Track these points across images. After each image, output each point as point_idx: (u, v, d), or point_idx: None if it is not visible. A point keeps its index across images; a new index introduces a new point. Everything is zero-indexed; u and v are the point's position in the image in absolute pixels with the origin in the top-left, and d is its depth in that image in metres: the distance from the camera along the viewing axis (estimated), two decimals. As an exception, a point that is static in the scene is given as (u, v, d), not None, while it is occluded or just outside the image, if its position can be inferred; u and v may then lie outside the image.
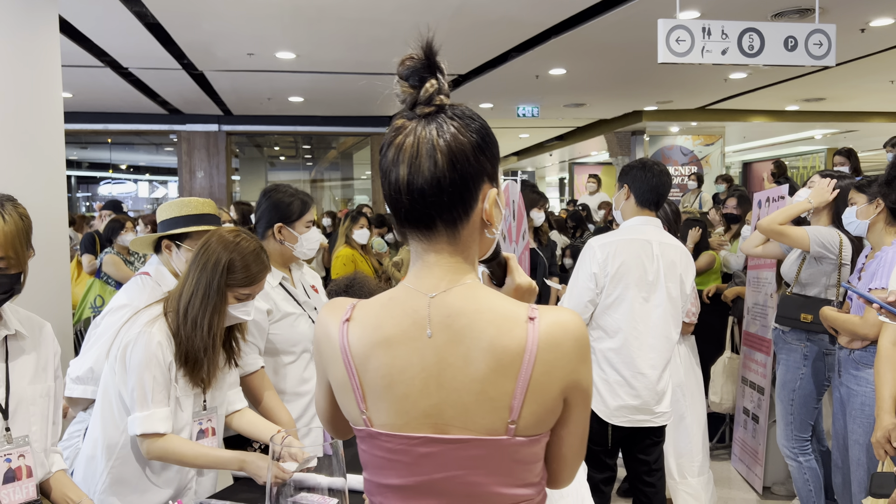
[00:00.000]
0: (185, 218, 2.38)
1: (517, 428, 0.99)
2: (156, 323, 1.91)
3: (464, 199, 1.02)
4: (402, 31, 6.27)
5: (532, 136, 15.32)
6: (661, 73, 7.97)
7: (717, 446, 4.77)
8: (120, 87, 8.79)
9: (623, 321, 2.78)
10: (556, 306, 1.06)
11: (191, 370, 1.93)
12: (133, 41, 6.64)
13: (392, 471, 1.04)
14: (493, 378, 0.98)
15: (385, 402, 1.03)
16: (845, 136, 13.76)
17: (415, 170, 1.00)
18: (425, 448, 1.01)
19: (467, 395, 0.99)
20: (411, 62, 1.03)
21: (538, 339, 0.98)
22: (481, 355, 0.99)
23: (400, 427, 1.03)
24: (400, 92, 1.05)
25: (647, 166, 2.86)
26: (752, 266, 4.32)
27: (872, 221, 2.85)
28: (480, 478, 1.01)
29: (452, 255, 1.04)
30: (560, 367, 0.99)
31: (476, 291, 1.03)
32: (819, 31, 4.87)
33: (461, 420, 1.00)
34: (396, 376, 1.02)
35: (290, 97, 9.67)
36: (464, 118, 1.04)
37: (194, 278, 1.92)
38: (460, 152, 1.01)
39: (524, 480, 1.04)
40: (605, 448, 2.91)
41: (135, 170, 17.35)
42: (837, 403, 2.98)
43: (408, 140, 1.01)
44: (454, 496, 1.02)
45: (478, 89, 9.01)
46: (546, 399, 1.00)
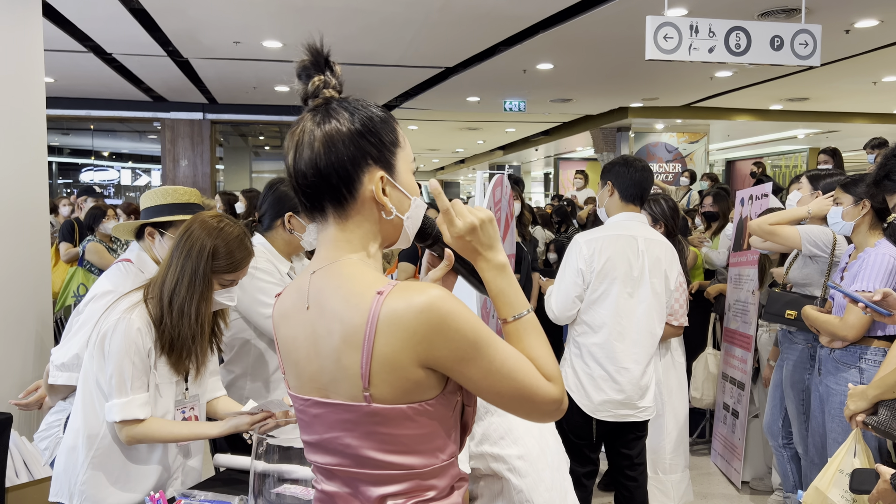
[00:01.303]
0: (171, 206, 2.37)
1: (372, 396, 1.04)
2: (135, 310, 1.89)
3: (343, 181, 1.11)
4: (390, 21, 6.24)
5: (518, 131, 15.33)
6: (648, 70, 8.00)
7: (697, 441, 4.82)
8: (103, 73, 8.68)
9: (608, 317, 2.80)
10: (416, 282, 1.07)
11: (177, 358, 1.92)
12: (117, 27, 6.55)
13: (303, 428, 1.18)
14: (344, 349, 1.05)
15: (288, 367, 1.18)
16: (827, 136, 13.91)
17: (298, 156, 1.12)
18: (314, 410, 1.13)
19: (331, 364, 1.08)
20: (302, 62, 1.16)
21: (378, 314, 1.02)
22: (336, 328, 1.07)
23: (298, 389, 1.16)
24: (299, 90, 1.17)
25: (629, 162, 2.89)
26: (734, 263, 4.36)
27: (857, 223, 2.87)
28: (352, 440, 1.09)
29: (339, 235, 1.13)
30: (404, 341, 1.01)
31: (341, 269, 1.11)
32: (805, 31, 4.91)
33: (332, 386, 1.09)
34: (290, 345, 1.16)
35: (275, 86, 9.60)
36: (349, 109, 1.13)
37: (178, 265, 1.90)
38: (338, 137, 1.10)
39: (404, 449, 1.07)
40: (588, 442, 2.92)
41: (117, 157, 17.17)
42: (816, 402, 3.01)
43: (296, 130, 1.14)
44: (338, 455, 1.11)
45: (465, 82, 9.00)
46: (398, 372, 1.03)
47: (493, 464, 1.47)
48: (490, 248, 1.15)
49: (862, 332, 2.68)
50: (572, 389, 2.88)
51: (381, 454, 1.07)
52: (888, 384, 2.20)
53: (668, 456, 3.53)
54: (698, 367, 4.46)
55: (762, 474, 4.13)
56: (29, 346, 3.36)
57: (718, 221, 5.35)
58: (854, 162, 14.51)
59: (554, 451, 1.58)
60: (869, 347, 2.70)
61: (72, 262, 5.40)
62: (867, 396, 2.26)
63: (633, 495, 2.99)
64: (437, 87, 9.35)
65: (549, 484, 1.52)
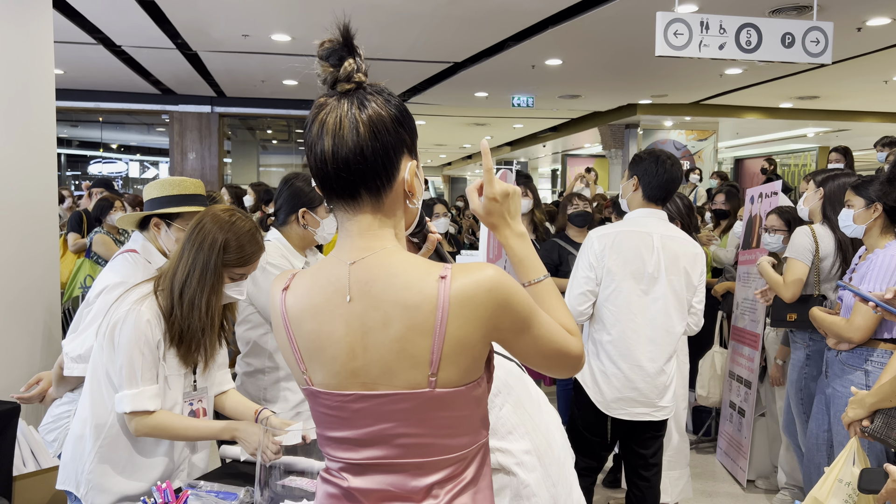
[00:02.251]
0: (177, 197, 2.37)
1: (437, 380, 1.06)
2: (145, 301, 1.89)
3: (386, 167, 1.09)
4: (399, 15, 6.23)
5: (526, 127, 15.29)
6: (657, 66, 7.96)
7: (702, 440, 4.81)
8: (112, 66, 8.70)
9: (620, 314, 2.76)
10: (473, 263, 1.10)
11: (186, 350, 1.92)
12: (127, 19, 6.56)
13: (334, 425, 1.13)
14: (410, 336, 1.05)
15: (318, 364, 1.12)
16: (837, 134, 13.82)
17: (339, 141, 1.07)
18: (357, 404, 1.09)
19: (389, 355, 1.06)
20: (330, 44, 1.11)
21: (449, 296, 1.04)
22: (397, 316, 1.06)
23: (334, 386, 1.11)
24: (321, 72, 1.13)
25: (660, 160, 2.78)
26: (743, 261, 4.34)
27: (869, 226, 2.85)
28: (410, 429, 1.08)
29: (374, 224, 1.12)
30: (474, 320, 1.06)
31: (392, 257, 1.10)
32: (816, 28, 4.87)
33: (385, 378, 1.07)
34: (325, 340, 1.10)
35: (284, 80, 9.61)
36: (382, 94, 1.12)
37: (189, 258, 1.91)
38: (381, 123, 1.08)
39: (458, 431, 1.11)
40: (601, 440, 2.90)
41: (126, 149, 17.21)
42: (822, 403, 3.00)
43: (331, 115, 1.09)
44: (389, 446, 1.10)
45: (473, 77, 8.98)
46: (466, 351, 1.07)
47: (501, 458, 1.46)
48: (514, 218, 1.24)
49: (868, 335, 2.66)
50: (588, 386, 2.85)
51: (437, 439, 1.09)
52: (886, 392, 2.19)
53: (668, 453, 3.52)
54: (705, 365, 4.45)
55: (767, 473, 4.12)
56: (37, 337, 3.37)
57: (728, 219, 5.32)
58: (864, 161, 14.43)
59: (560, 446, 1.58)
60: (875, 349, 2.69)
61: (79, 252, 5.41)
62: (865, 404, 2.25)
63: (645, 496, 2.97)
64: (445, 82, 9.33)
65: (556, 479, 1.51)
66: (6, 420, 2.52)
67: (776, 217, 3.76)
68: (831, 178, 3.31)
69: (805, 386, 3.39)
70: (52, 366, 2.46)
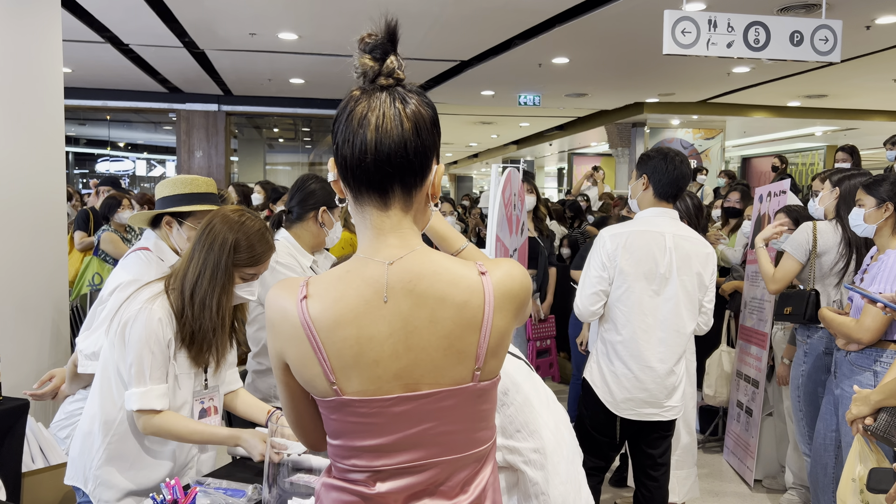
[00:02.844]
0: (190, 196, 2.38)
1: (482, 373, 1.09)
2: (157, 300, 1.90)
3: (423, 165, 1.09)
4: (405, 14, 6.22)
5: (532, 125, 15.27)
6: (664, 65, 7.94)
7: (709, 439, 4.80)
8: (120, 64, 8.72)
9: (632, 314, 2.75)
10: (495, 259, 1.14)
11: (197, 351, 1.93)
12: (135, 17, 6.58)
13: (366, 433, 1.09)
14: (459, 332, 1.07)
15: (355, 371, 1.07)
16: (846, 133, 13.76)
17: (383, 132, 1.05)
18: (399, 407, 1.07)
19: (436, 352, 1.06)
20: (373, 38, 1.09)
21: (493, 290, 1.08)
22: (446, 313, 1.06)
23: (373, 392, 1.07)
24: (359, 65, 1.09)
25: (669, 157, 2.77)
26: (752, 261, 4.33)
27: (880, 226, 2.84)
28: (450, 426, 1.09)
29: (403, 223, 1.11)
30: (511, 311, 1.11)
31: (430, 255, 1.10)
32: (825, 26, 4.85)
33: (431, 376, 1.07)
34: (365, 345, 1.06)
35: (290, 79, 9.61)
36: (420, 94, 1.11)
37: (200, 258, 1.91)
38: (422, 121, 1.08)
39: (487, 424, 1.15)
40: (610, 440, 2.89)
41: (133, 148, 17.24)
42: (830, 404, 2.99)
43: (372, 108, 1.07)
44: (427, 447, 1.09)
45: (480, 76, 8.97)
46: (504, 342, 1.12)
47: (509, 456, 1.46)
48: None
49: (878, 335, 2.65)
50: (597, 386, 2.84)
51: (471, 433, 1.12)
52: (891, 390, 2.18)
53: (676, 453, 3.52)
54: (712, 365, 4.44)
55: (775, 473, 4.11)
56: (45, 335, 3.39)
57: (738, 218, 5.31)
58: (872, 160, 14.37)
59: (568, 445, 1.57)
60: (885, 350, 2.67)
61: (86, 251, 5.43)
62: (870, 401, 2.24)
63: (654, 495, 2.96)
64: (452, 81, 9.32)
65: (565, 477, 1.51)
66: (15, 417, 2.53)
67: (784, 216, 3.75)
68: (847, 177, 3.30)
69: (802, 383, 3.40)
70: (61, 363, 2.47)
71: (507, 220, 3.51)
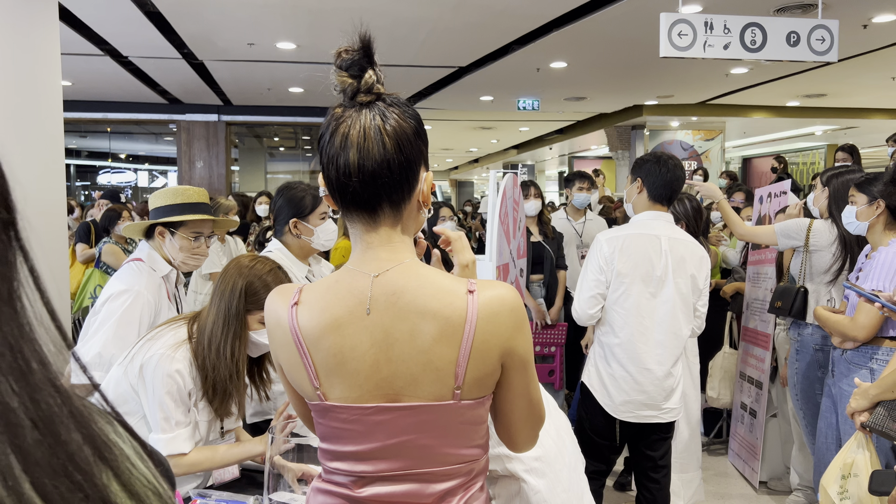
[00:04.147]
0: (181, 206, 2.39)
1: (462, 392, 1.08)
2: (180, 349, 1.89)
3: (409, 180, 1.09)
4: (403, 21, 6.24)
5: (532, 130, 15.28)
6: (663, 67, 7.94)
7: (713, 441, 4.78)
8: (120, 76, 8.75)
9: (629, 317, 2.76)
10: (493, 281, 1.14)
11: (219, 402, 1.91)
12: (133, 30, 6.60)
13: (347, 439, 1.11)
14: (438, 349, 1.06)
15: (338, 378, 1.09)
16: (846, 132, 13.74)
17: (365, 154, 1.06)
18: (378, 416, 1.08)
19: (415, 367, 1.06)
20: (349, 54, 1.08)
21: (477, 310, 1.06)
22: (426, 328, 1.06)
23: (354, 399, 1.09)
24: (338, 82, 1.10)
25: (662, 160, 2.81)
26: (753, 262, 4.32)
27: (872, 223, 2.84)
28: (430, 440, 1.09)
29: (392, 235, 1.11)
30: (497, 335, 1.08)
31: (417, 269, 1.10)
32: (821, 26, 4.85)
33: (410, 389, 1.07)
34: (347, 354, 1.08)
35: (289, 88, 9.63)
36: (401, 106, 1.11)
37: (215, 307, 1.92)
38: (404, 136, 1.08)
39: (471, 441, 1.13)
40: (610, 443, 2.90)
41: (134, 159, 17.29)
42: (829, 402, 2.99)
43: (353, 127, 1.07)
44: (406, 458, 1.09)
45: (478, 82, 8.98)
46: (486, 364, 1.08)
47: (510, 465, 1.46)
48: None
49: (873, 333, 2.65)
50: (595, 389, 2.85)
51: (453, 448, 1.11)
52: (888, 384, 2.19)
53: (680, 455, 3.51)
54: (715, 367, 4.43)
55: (780, 474, 4.09)
56: (47, 347, 3.39)
57: None
58: (872, 158, 14.35)
59: (570, 452, 1.57)
60: (880, 347, 2.68)
61: (88, 263, 5.44)
62: (868, 395, 2.26)
63: (655, 497, 2.96)
64: (451, 87, 9.34)
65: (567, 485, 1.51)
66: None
67: (785, 217, 3.75)
68: (835, 175, 3.31)
69: (798, 381, 3.41)
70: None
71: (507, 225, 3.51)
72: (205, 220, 2.44)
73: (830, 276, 3.31)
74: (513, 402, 1.16)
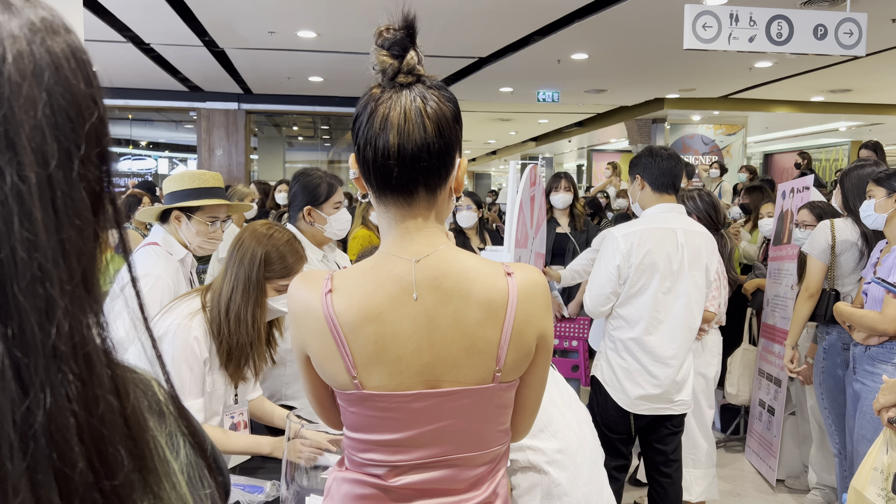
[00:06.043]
0: (197, 190, 2.40)
1: (501, 375, 1.09)
2: (195, 317, 1.91)
3: (446, 164, 1.08)
4: (423, 11, 6.21)
5: (551, 122, 15.20)
6: (685, 60, 7.85)
7: (731, 438, 4.75)
8: (141, 63, 8.80)
9: (645, 311, 2.74)
10: (522, 264, 1.13)
11: (235, 367, 1.93)
12: (155, 17, 6.63)
13: (384, 427, 1.09)
14: (482, 331, 1.06)
15: (378, 366, 1.07)
16: (870, 129, 13.54)
17: (405, 136, 1.03)
18: (419, 403, 1.07)
19: (458, 350, 1.06)
20: (391, 33, 1.05)
21: (517, 291, 1.07)
22: (470, 311, 1.06)
23: (394, 387, 1.07)
24: (378, 62, 1.07)
25: (654, 152, 2.85)
26: (774, 258, 4.27)
27: (890, 216, 2.80)
28: (468, 424, 1.09)
29: (428, 221, 1.10)
30: (534, 316, 1.09)
31: (456, 253, 1.10)
32: (850, 19, 4.77)
33: (452, 374, 1.07)
34: (389, 341, 1.06)
35: (309, 77, 9.64)
36: (440, 89, 1.09)
37: (233, 275, 1.93)
38: (444, 120, 1.06)
39: (502, 424, 1.14)
40: (623, 436, 2.89)
41: (154, 146, 17.41)
42: (851, 400, 2.95)
43: (394, 108, 1.04)
44: (443, 444, 1.09)
45: (498, 73, 8.93)
46: (524, 346, 1.10)
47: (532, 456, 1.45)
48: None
49: None
50: (608, 384, 2.84)
51: (489, 432, 1.12)
52: None
53: (693, 452, 3.49)
54: (734, 363, 4.39)
55: (798, 473, 4.05)
56: (68, 331, 3.43)
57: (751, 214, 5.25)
58: (897, 156, 14.11)
59: (591, 445, 1.56)
60: None
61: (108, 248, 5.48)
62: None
63: (668, 492, 2.95)
64: (470, 78, 9.29)
65: (588, 478, 1.50)
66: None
67: (807, 212, 3.70)
68: (848, 171, 3.26)
69: (823, 380, 3.37)
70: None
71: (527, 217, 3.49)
72: (220, 205, 2.45)
73: (859, 275, 3.27)
74: (532, 388, 1.17)
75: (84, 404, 0.38)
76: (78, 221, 0.39)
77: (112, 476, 0.38)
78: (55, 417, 0.36)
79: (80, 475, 0.37)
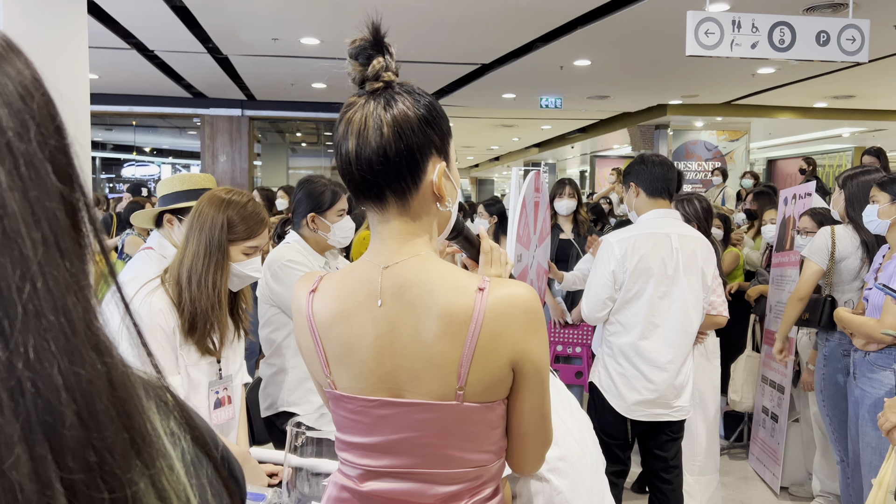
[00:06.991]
0: (187, 192, 2.42)
1: (465, 394, 1.04)
2: (155, 293, 1.91)
3: (410, 169, 1.06)
4: (427, 18, 6.23)
5: (554, 128, 15.21)
6: (688, 66, 7.86)
7: (734, 445, 4.73)
8: (145, 70, 8.84)
9: (641, 316, 2.75)
10: (511, 280, 1.09)
11: (200, 334, 1.92)
12: (159, 24, 6.66)
13: (354, 429, 1.11)
14: (440, 346, 1.03)
15: (345, 368, 1.10)
16: (874, 134, 13.53)
17: (362, 141, 1.05)
18: (382, 410, 1.07)
19: (418, 362, 1.04)
20: (359, 42, 1.08)
21: (485, 308, 1.02)
22: (430, 324, 1.03)
23: (359, 390, 1.09)
24: (351, 71, 1.09)
25: (646, 159, 2.87)
26: (777, 264, 4.26)
27: (893, 221, 2.80)
28: (433, 440, 1.06)
29: (404, 227, 1.08)
30: (507, 337, 1.03)
31: (428, 263, 1.07)
32: (852, 26, 4.77)
33: (413, 385, 1.05)
34: (354, 344, 1.08)
35: (313, 83, 9.67)
36: (412, 93, 1.08)
37: (193, 242, 1.93)
38: (406, 123, 1.05)
39: (479, 446, 1.09)
40: (621, 442, 2.88)
41: (158, 153, 17.47)
42: (853, 407, 2.94)
43: (357, 114, 1.06)
44: (409, 456, 1.07)
45: (501, 79, 8.95)
46: (492, 367, 1.04)
47: (533, 464, 1.45)
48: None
49: None
50: (605, 389, 2.84)
51: (458, 451, 1.08)
52: None
53: (698, 458, 3.48)
54: (737, 370, 4.38)
55: (802, 480, 4.04)
56: (71, 337, 3.44)
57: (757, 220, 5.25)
58: (901, 161, 14.08)
59: (592, 453, 1.55)
60: None
61: (111, 254, 5.52)
62: None
63: (668, 498, 2.95)
64: (473, 84, 9.31)
65: (589, 486, 1.49)
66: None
67: (809, 219, 3.69)
68: (850, 177, 3.25)
69: (824, 387, 3.36)
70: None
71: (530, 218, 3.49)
72: None
73: (861, 283, 3.26)
74: (523, 416, 1.11)
75: (69, 358, 0.38)
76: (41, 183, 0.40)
77: (101, 430, 0.39)
78: (38, 370, 0.37)
79: (71, 429, 0.37)
